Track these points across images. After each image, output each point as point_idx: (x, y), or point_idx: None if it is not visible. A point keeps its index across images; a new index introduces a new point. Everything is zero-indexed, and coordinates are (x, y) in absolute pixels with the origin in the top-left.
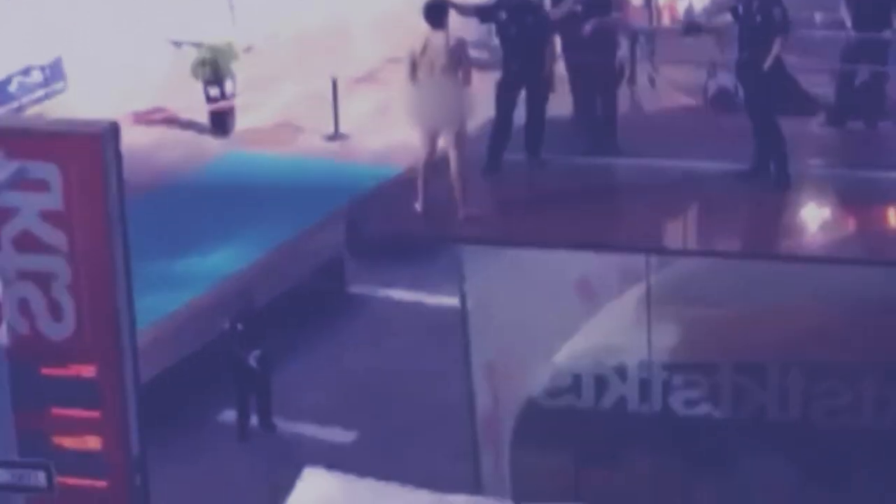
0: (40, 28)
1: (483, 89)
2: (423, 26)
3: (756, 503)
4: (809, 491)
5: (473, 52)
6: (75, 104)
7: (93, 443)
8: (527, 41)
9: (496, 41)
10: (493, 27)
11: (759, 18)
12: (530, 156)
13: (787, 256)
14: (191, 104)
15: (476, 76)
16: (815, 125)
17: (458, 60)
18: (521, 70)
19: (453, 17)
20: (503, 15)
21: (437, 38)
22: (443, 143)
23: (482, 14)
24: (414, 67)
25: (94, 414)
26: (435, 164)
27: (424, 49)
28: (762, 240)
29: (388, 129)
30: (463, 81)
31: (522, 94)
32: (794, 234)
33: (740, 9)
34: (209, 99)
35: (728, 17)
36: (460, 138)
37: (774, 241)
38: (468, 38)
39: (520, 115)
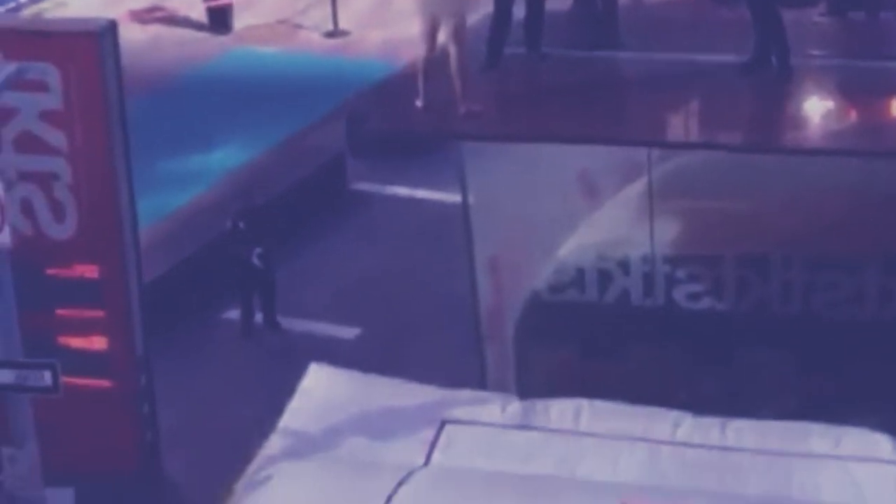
0: None
1: None
2: None
3: (758, 394)
4: (811, 381)
5: None
6: (73, 4)
7: (97, 342)
8: None
9: None
10: None
11: None
12: (530, 50)
13: (789, 149)
14: (189, 1)
15: None
16: (816, 15)
17: None
18: None
19: None
20: None
21: None
22: (442, 37)
23: None
24: None
25: (99, 314)
26: (435, 59)
27: None
28: (764, 132)
29: (387, 25)
30: None
31: None
32: (795, 125)
33: None
34: None
35: None
36: (459, 32)
37: (776, 134)
38: None
39: (519, 8)
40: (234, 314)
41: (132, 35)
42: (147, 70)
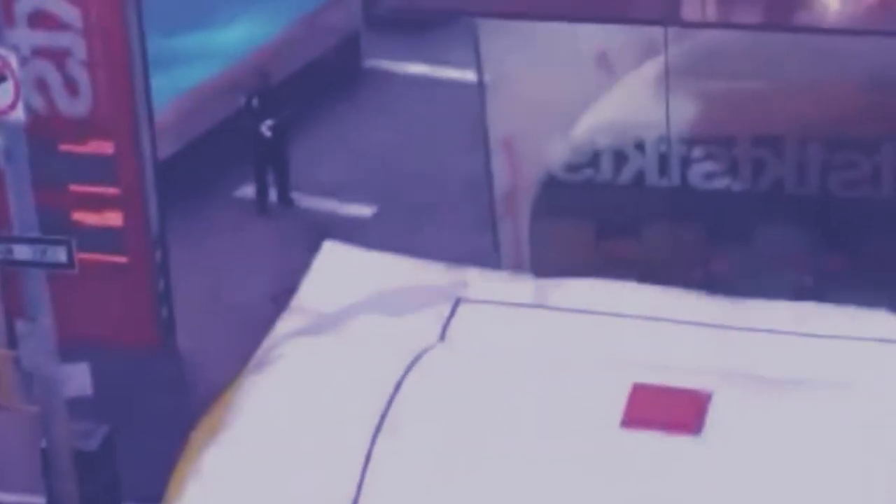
0: None
1: None
2: None
3: (773, 273)
4: (826, 260)
5: None
6: None
7: (113, 219)
8: None
9: None
10: None
11: None
12: None
13: (807, 28)
14: None
15: None
16: None
17: None
18: None
19: None
20: None
21: None
22: None
23: None
24: None
25: (114, 190)
26: None
27: None
28: (782, 12)
29: None
30: None
31: None
32: (813, 4)
33: None
34: None
35: None
36: None
37: (794, 13)
38: None
39: None
40: (249, 191)
41: None
42: None
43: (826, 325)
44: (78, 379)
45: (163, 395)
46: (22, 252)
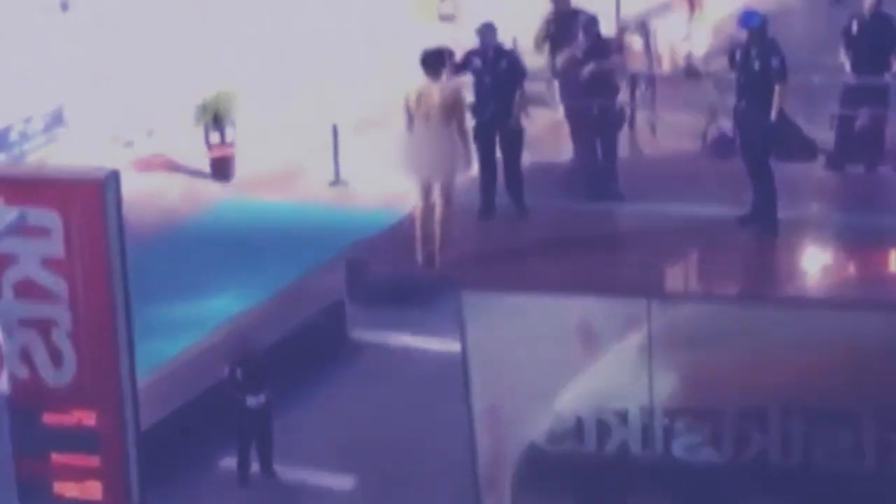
0: (42, 76)
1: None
2: (422, 73)
3: None
4: None
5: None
6: (76, 151)
7: (93, 490)
8: (501, 89)
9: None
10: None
11: (757, 66)
12: (514, 204)
13: (787, 301)
14: (191, 150)
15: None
16: (815, 169)
17: (453, 110)
18: (495, 118)
19: None
20: (478, 63)
21: (433, 87)
22: (435, 194)
23: (461, 65)
24: (410, 116)
25: (95, 461)
26: (432, 212)
27: (419, 98)
28: (764, 284)
29: (388, 175)
30: (458, 130)
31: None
32: (794, 278)
33: (738, 56)
34: (210, 145)
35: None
36: (447, 190)
37: (775, 285)
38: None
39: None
40: (230, 462)
41: (134, 182)
42: (148, 217)
43: None
44: None
45: None
46: None
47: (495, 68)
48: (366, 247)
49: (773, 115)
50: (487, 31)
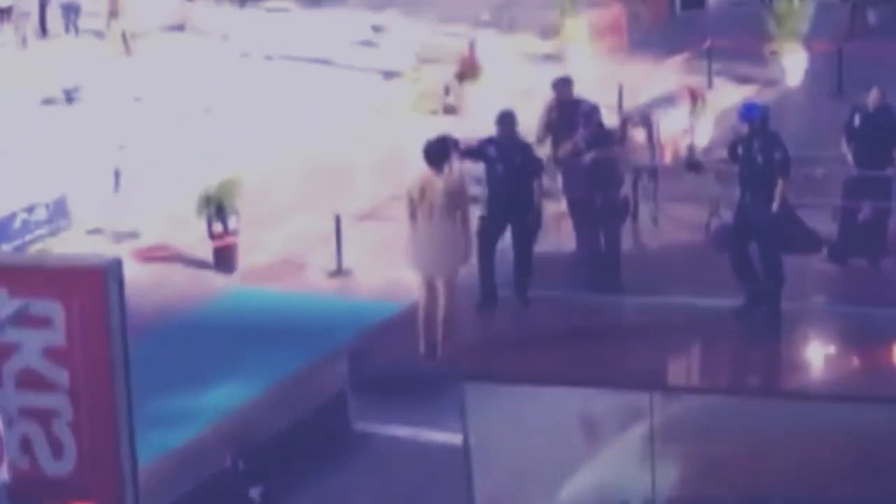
0: (44, 165)
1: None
2: (424, 164)
3: None
4: None
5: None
6: (79, 241)
7: None
8: (514, 180)
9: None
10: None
11: (759, 159)
12: (517, 295)
13: (790, 394)
14: (194, 241)
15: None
16: (818, 261)
17: (457, 202)
18: (507, 209)
19: None
20: (492, 152)
21: (437, 179)
22: (439, 287)
23: (473, 152)
24: (413, 208)
25: None
26: (435, 304)
27: (423, 191)
28: (766, 376)
29: (390, 266)
30: (461, 222)
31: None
32: (796, 370)
33: (740, 150)
34: (212, 235)
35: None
36: (450, 284)
37: (778, 378)
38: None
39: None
40: None
41: (136, 272)
42: (149, 308)
43: None
44: None
45: None
46: None
47: (510, 158)
48: (368, 338)
49: (776, 207)
50: (506, 120)
